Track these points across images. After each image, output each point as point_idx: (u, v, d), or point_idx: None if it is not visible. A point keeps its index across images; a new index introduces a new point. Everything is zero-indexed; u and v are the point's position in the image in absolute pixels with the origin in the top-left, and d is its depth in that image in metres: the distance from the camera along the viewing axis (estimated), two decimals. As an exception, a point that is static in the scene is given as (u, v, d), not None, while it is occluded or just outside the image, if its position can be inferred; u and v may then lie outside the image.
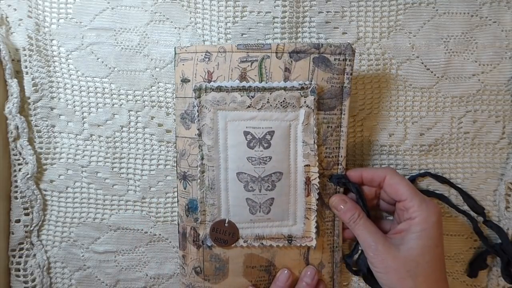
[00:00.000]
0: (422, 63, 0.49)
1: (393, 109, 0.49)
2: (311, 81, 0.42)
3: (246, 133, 0.43)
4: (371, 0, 0.48)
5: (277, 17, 0.49)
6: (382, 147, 0.50)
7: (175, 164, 0.47)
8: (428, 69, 0.49)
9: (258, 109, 0.42)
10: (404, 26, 0.49)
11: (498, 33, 0.48)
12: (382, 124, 0.49)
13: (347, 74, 0.43)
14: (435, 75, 0.49)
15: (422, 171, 0.49)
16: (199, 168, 0.43)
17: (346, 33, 0.49)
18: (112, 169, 0.50)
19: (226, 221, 0.44)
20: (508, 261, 0.46)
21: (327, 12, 0.49)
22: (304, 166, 0.44)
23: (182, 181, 0.45)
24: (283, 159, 0.43)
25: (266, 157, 0.43)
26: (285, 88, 0.42)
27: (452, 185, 0.48)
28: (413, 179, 0.49)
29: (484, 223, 0.48)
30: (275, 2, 0.48)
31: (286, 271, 0.45)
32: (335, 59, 0.42)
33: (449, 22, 0.48)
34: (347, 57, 0.43)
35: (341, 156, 0.45)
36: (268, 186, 0.44)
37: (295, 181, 0.44)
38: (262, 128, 0.43)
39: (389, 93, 0.49)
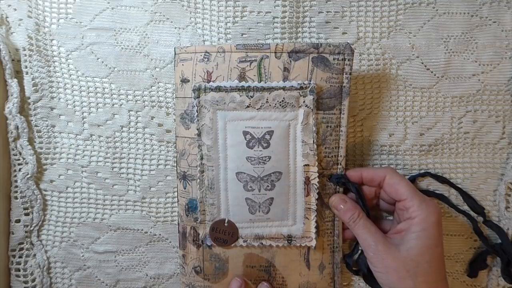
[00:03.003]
0: (422, 63, 0.49)
1: (393, 109, 0.49)
2: (310, 81, 0.42)
3: (245, 133, 0.43)
4: (371, 0, 0.48)
5: (277, 17, 0.49)
6: (382, 147, 0.50)
7: (175, 164, 0.46)
8: (428, 69, 0.49)
9: (257, 109, 0.42)
10: (404, 26, 0.49)
11: (498, 33, 0.48)
12: (382, 124, 0.49)
13: (346, 74, 0.43)
14: (435, 75, 0.49)
15: (422, 171, 0.49)
16: (198, 168, 0.44)
17: (346, 33, 0.49)
18: (112, 169, 0.50)
19: (226, 221, 0.44)
20: (508, 261, 0.46)
21: (327, 12, 0.49)
22: (304, 165, 0.44)
23: (182, 181, 0.45)
24: (283, 158, 0.43)
25: (265, 157, 0.43)
26: (284, 88, 0.42)
27: (452, 185, 0.48)
28: (413, 179, 0.49)
29: (484, 223, 0.48)
30: (275, 2, 0.48)
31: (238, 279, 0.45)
32: (334, 59, 0.42)
33: (449, 22, 0.48)
34: (346, 57, 0.43)
35: (341, 156, 0.45)
36: (268, 186, 0.43)
37: (295, 181, 0.44)
38: (261, 128, 0.43)
39: (389, 93, 0.49)
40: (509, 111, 0.49)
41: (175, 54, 0.44)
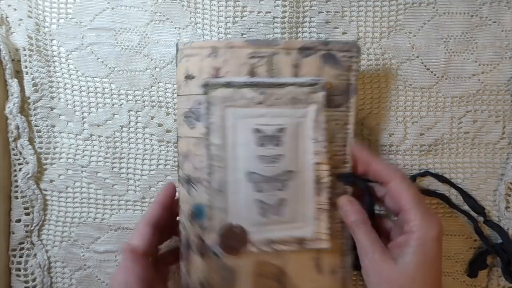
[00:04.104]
0: (422, 63, 0.49)
1: (393, 109, 0.49)
2: (321, 78, 0.41)
3: (256, 131, 0.41)
4: (371, 0, 0.48)
5: (277, 17, 0.49)
6: (382, 147, 0.50)
7: (177, 167, 0.45)
8: (428, 69, 0.49)
9: (268, 106, 0.41)
10: (404, 26, 0.48)
11: (498, 33, 0.48)
12: (382, 124, 0.49)
13: (353, 72, 0.42)
14: (435, 75, 0.49)
15: (422, 171, 0.49)
16: (206, 170, 0.41)
17: (346, 33, 0.49)
18: (112, 169, 0.51)
19: (236, 226, 0.41)
20: (508, 261, 0.46)
21: (327, 12, 0.49)
22: (315, 164, 0.42)
23: (186, 185, 0.42)
24: (294, 157, 0.42)
25: (276, 155, 0.41)
26: (295, 84, 0.41)
27: (452, 184, 0.48)
28: (413, 179, 0.49)
29: (484, 223, 0.48)
30: (275, 2, 0.48)
31: None
32: (342, 56, 0.42)
33: (449, 22, 0.48)
34: (353, 54, 0.42)
35: (348, 154, 0.43)
36: (279, 186, 0.41)
37: (306, 180, 0.42)
38: (272, 125, 0.41)
39: (389, 93, 0.49)
40: (509, 111, 0.49)
41: (177, 50, 0.42)
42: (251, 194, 0.41)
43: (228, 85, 0.40)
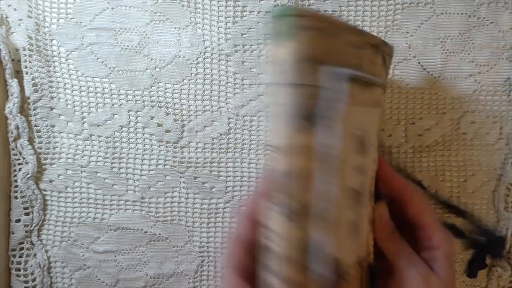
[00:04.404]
0: (419, 63, 0.49)
1: (390, 110, 0.49)
2: (387, 79, 0.37)
3: (356, 137, 0.32)
4: None
5: (277, 16, 0.49)
6: (380, 148, 0.50)
7: (270, 195, 0.30)
8: (424, 69, 0.49)
9: (363, 106, 0.33)
10: (401, 26, 0.49)
11: (495, 33, 0.48)
12: (380, 124, 0.49)
13: (388, 75, 0.40)
14: (431, 75, 0.49)
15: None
16: (322, 194, 0.29)
17: (343, 33, 0.49)
18: (112, 169, 0.51)
19: (333, 259, 0.30)
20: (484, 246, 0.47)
21: (325, 11, 0.49)
22: (372, 171, 0.36)
23: (298, 221, 0.28)
24: (368, 165, 0.35)
25: (364, 165, 0.34)
26: (379, 85, 0.35)
27: (436, 198, 0.48)
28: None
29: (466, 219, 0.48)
30: (275, 1, 0.49)
31: None
32: (389, 59, 0.38)
33: (446, 22, 0.48)
34: (392, 58, 0.39)
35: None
36: (361, 200, 0.33)
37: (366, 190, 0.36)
38: (363, 129, 0.33)
39: (385, 94, 0.49)
40: (506, 112, 0.49)
41: (282, 17, 0.30)
42: (346, 215, 0.31)
43: (356, 79, 0.31)
